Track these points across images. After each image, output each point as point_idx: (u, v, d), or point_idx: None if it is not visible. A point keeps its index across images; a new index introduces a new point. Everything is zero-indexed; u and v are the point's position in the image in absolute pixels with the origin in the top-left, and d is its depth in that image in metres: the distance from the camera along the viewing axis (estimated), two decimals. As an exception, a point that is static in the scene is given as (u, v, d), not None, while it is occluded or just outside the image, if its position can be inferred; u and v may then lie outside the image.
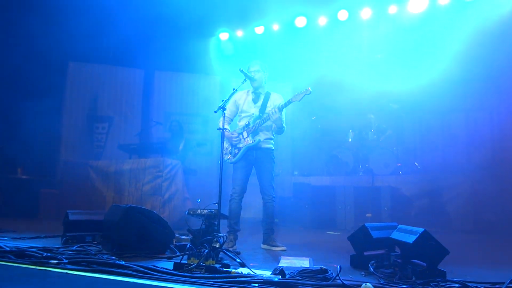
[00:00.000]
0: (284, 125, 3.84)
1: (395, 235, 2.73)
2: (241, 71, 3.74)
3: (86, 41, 6.94)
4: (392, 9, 6.83)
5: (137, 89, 8.01)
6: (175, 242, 3.43)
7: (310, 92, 3.65)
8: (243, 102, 3.98)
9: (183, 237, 3.74)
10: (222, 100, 3.43)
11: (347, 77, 6.92)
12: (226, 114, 3.62)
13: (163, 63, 7.86)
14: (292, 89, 7.39)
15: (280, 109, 3.74)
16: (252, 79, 3.87)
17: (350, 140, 7.14)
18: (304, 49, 7.39)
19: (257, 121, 3.85)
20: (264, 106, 3.92)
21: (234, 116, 4.11)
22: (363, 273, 2.64)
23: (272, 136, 3.99)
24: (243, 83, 3.69)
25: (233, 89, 3.57)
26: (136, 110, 7.94)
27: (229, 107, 3.98)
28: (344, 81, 6.94)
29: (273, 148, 3.99)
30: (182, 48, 7.50)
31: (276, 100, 3.94)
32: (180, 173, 5.52)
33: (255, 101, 3.97)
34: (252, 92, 4.00)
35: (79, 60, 7.68)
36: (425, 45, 6.58)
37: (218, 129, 3.55)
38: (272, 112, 3.71)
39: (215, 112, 3.42)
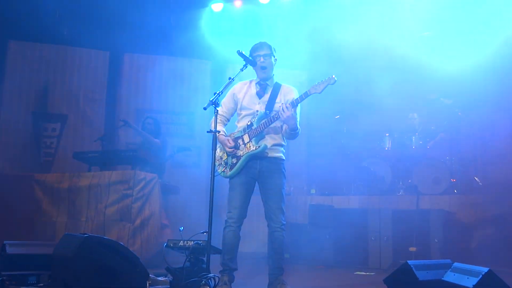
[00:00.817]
0: (298, 126, 3.83)
1: (449, 276, 2.73)
2: (240, 54, 3.74)
3: (32, 13, 6.97)
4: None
5: (100, 78, 8.05)
6: (149, 285, 3.42)
7: (335, 81, 3.64)
8: (244, 96, 3.98)
9: (160, 278, 3.73)
10: (215, 93, 3.43)
11: (382, 61, 6.92)
12: (220, 112, 3.63)
13: (135, 43, 7.89)
14: (308, 79, 7.41)
15: (294, 104, 3.73)
16: (254, 64, 3.87)
17: (387, 147, 7.13)
18: (325, 24, 7.39)
19: (263, 121, 3.84)
20: (272, 101, 3.91)
21: (232, 115, 4.10)
22: (405, 329, 2.63)
23: (282, 142, 3.97)
24: (242, 70, 3.70)
25: (229, 78, 3.57)
26: (99, 105, 7.97)
27: (225, 102, 3.98)
28: (378, 68, 6.94)
29: (284, 158, 3.97)
30: (161, 24, 7.52)
31: (288, 93, 3.94)
32: (157, 191, 5.52)
33: (260, 94, 3.96)
34: (256, 83, 4.00)
35: (23, 39, 7.70)
36: (488, 20, 6.56)
37: (208, 131, 3.55)
38: (282, 109, 3.70)
39: (205, 108, 3.42)
